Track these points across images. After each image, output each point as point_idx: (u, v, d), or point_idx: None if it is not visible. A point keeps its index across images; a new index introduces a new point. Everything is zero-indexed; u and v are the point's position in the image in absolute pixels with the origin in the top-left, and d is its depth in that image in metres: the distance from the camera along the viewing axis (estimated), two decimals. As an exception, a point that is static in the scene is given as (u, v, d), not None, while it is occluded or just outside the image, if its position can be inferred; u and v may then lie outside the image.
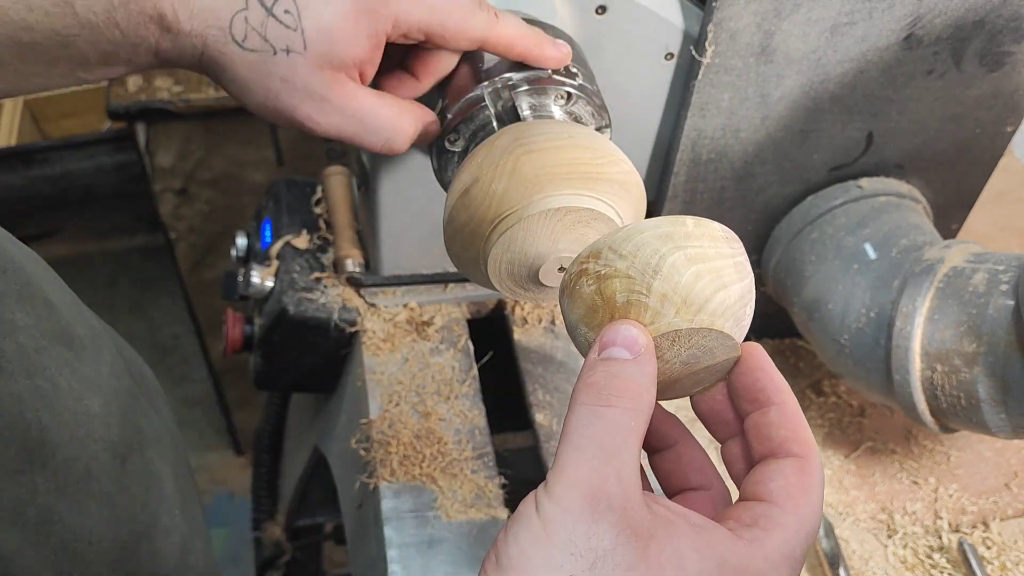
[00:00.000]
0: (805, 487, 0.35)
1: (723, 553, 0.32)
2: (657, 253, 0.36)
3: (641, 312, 0.36)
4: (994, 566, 0.70)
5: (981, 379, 0.63)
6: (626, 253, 0.36)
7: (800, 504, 0.35)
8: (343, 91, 0.47)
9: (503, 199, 0.45)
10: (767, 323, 0.86)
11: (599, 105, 0.55)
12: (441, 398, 0.73)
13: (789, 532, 0.34)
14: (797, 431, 0.37)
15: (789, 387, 0.38)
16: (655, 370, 0.35)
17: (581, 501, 0.31)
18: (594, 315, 0.37)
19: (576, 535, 0.30)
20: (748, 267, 0.38)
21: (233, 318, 0.85)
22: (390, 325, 0.78)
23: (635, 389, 0.34)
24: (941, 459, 0.79)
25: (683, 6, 0.64)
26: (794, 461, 0.36)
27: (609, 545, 0.30)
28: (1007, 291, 0.62)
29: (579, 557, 0.30)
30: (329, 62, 0.46)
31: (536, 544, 0.31)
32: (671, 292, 0.35)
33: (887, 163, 0.75)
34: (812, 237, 0.75)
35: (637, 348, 0.35)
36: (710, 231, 0.37)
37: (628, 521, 0.31)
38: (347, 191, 0.85)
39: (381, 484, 0.68)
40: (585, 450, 0.32)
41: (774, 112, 0.69)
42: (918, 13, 0.65)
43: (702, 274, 0.36)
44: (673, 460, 0.40)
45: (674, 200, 0.73)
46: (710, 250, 0.37)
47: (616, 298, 0.36)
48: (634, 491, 0.32)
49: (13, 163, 1.52)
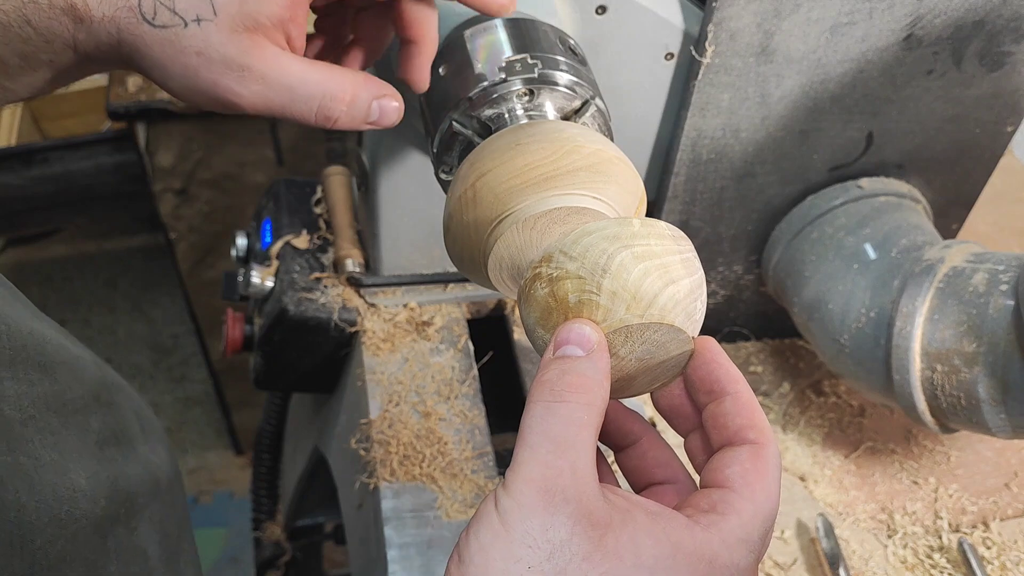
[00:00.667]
0: (760, 472, 0.36)
1: (679, 538, 0.33)
2: (605, 253, 0.37)
3: (593, 310, 0.37)
4: (994, 566, 0.70)
5: (981, 379, 0.63)
6: (575, 255, 0.37)
7: (756, 489, 0.35)
8: (264, 57, 0.43)
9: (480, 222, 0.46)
10: (767, 323, 0.86)
11: (568, 85, 0.54)
12: (441, 398, 0.73)
13: (745, 516, 0.35)
14: (752, 419, 0.37)
15: (743, 377, 0.39)
16: (607, 365, 0.36)
17: (536, 495, 0.32)
18: (549, 317, 0.38)
19: (533, 527, 0.31)
20: (697, 264, 0.39)
21: (233, 318, 0.85)
22: (390, 325, 0.78)
23: (587, 384, 0.35)
24: (941, 459, 0.79)
25: (683, 6, 0.64)
26: (750, 448, 0.37)
27: (566, 535, 0.31)
28: (1007, 291, 0.62)
29: (536, 549, 0.31)
30: (244, 24, 0.42)
31: (495, 539, 0.31)
32: (620, 289, 0.36)
33: (887, 163, 0.75)
34: (812, 237, 0.75)
35: (589, 344, 0.36)
36: (656, 230, 0.38)
37: (583, 511, 0.32)
38: (347, 191, 0.85)
39: (381, 484, 0.68)
40: (539, 446, 0.33)
41: (774, 112, 0.69)
42: (918, 13, 0.65)
43: (650, 271, 0.37)
44: (638, 456, 0.41)
45: (674, 200, 0.73)
46: (656, 247, 0.37)
47: (568, 299, 0.37)
48: (589, 482, 0.33)
49: (13, 163, 1.52)
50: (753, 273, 0.82)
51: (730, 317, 0.85)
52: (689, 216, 0.75)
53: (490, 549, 0.31)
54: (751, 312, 0.85)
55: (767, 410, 0.81)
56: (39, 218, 1.72)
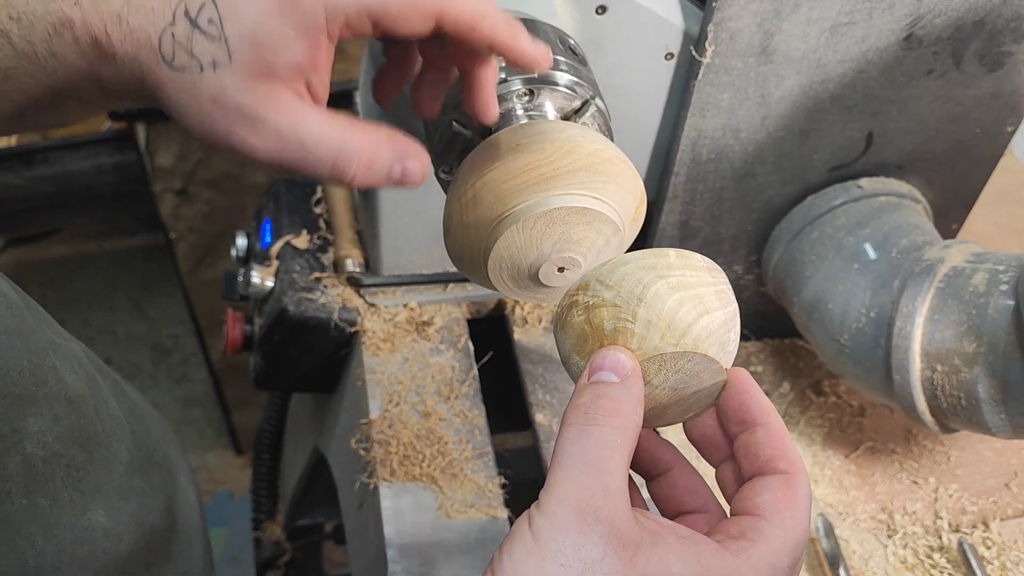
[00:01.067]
0: (791, 500, 0.36)
1: (708, 563, 0.34)
2: (641, 283, 0.38)
3: (628, 338, 0.38)
4: (994, 566, 0.70)
5: (981, 379, 0.63)
6: (612, 284, 0.38)
7: (786, 517, 0.36)
8: (279, 108, 0.40)
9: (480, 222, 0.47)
10: (767, 323, 0.86)
11: (568, 85, 0.53)
12: (441, 398, 0.73)
13: (775, 543, 0.35)
14: (783, 449, 0.38)
15: (774, 408, 0.40)
16: (641, 391, 0.37)
17: (570, 515, 0.32)
18: (584, 344, 0.39)
19: (565, 547, 0.32)
20: (731, 296, 0.40)
21: (233, 318, 0.85)
22: (390, 325, 0.78)
23: (621, 408, 0.36)
24: (941, 459, 0.79)
25: (683, 6, 0.64)
26: (781, 477, 0.37)
27: (598, 555, 0.32)
28: (1007, 291, 0.62)
29: (568, 567, 0.32)
30: (259, 72, 0.40)
31: (528, 556, 0.32)
32: (655, 318, 0.37)
33: (887, 163, 0.75)
34: (812, 237, 0.75)
35: (624, 371, 0.37)
36: (691, 261, 0.39)
37: (615, 532, 0.32)
38: (347, 191, 0.85)
39: (381, 484, 0.68)
40: (573, 467, 0.34)
41: (774, 112, 0.69)
42: (918, 13, 0.65)
43: (684, 300, 0.38)
44: (669, 485, 0.42)
45: (674, 200, 0.73)
46: (691, 279, 0.39)
47: (604, 326, 0.38)
48: (621, 504, 0.33)
49: (13, 163, 1.52)
50: (753, 273, 0.82)
51: (730, 317, 0.85)
52: (689, 216, 0.75)
53: (522, 566, 0.32)
54: (751, 312, 0.85)
55: (767, 410, 0.81)
56: (39, 218, 1.72)
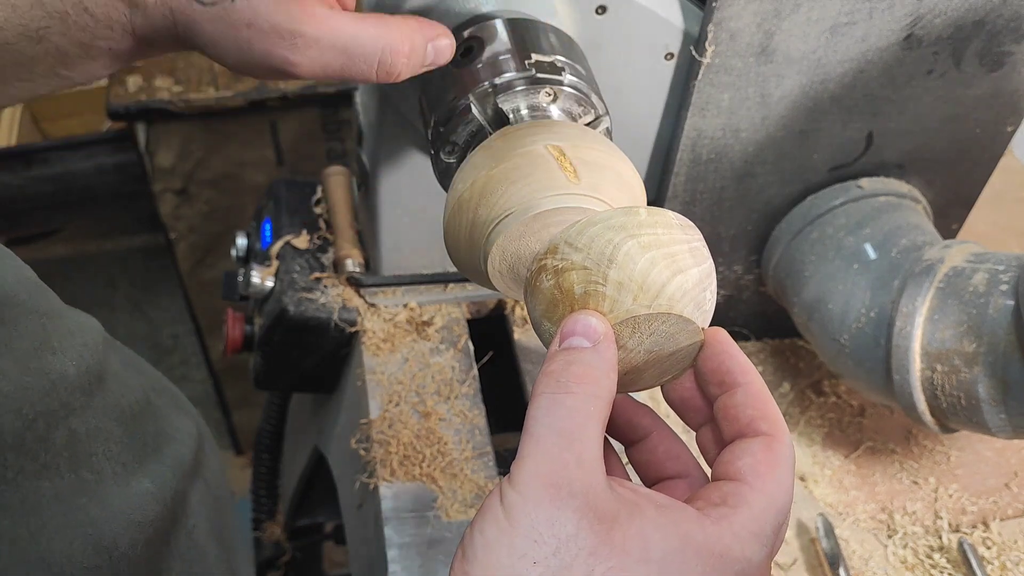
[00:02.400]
0: (772, 464, 0.35)
1: (688, 532, 0.32)
2: (611, 243, 0.36)
3: (599, 301, 0.36)
4: (994, 566, 0.70)
5: (981, 379, 0.63)
6: (581, 246, 0.37)
7: (768, 481, 0.35)
8: (314, 20, 0.41)
9: (495, 206, 0.46)
10: (767, 323, 0.86)
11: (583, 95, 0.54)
12: (441, 398, 0.73)
13: (757, 509, 0.34)
14: (764, 410, 0.37)
15: (754, 368, 0.38)
16: (614, 356, 0.36)
17: (542, 489, 0.31)
18: (555, 309, 0.38)
19: (539, 522, 0.31)
20: (706, 253, 0.38)
21: (233, 318, 0.85)
22: (390, 325, 0.78)
23: (592, 375, 0.34)
24: (941, 459, 0.79)
25: (683, 6, 0.64)
26: (762, 439, 0.36)
27: (572, 530, 0.31)
28: (1007, 291, 0.62)
29: (542, 544, 0.30)
30: None
31: (500, 534, 0.31)
32: (627, 280, 0.36)
33: (887, 163, 0.75)
34: (812, 237, 0.75)
35: (595, 335, 0.36)
36: (664, 219, 0.37)
37: (590, 505, 0.31)
38: (347, 191, 0.85)
39: (381, 484, 0.68)
40: (544, 439, 0.32)
41: (774, 112, 0.69)
42: (918, 13, 0.65)
43: (657, 260, 0.36)
44: (648, 451, 0.40)
45: (674, 200, 0.73)
46: (664, 236, 0.37)
47: (574, 290, 0.37)
48: (596, 475, 0.32)
49: (13, 163, 1.52)
50: (753, 273, 0.82)
51: (730, 317, 0.85)
52: (689, 216, 0.74)
53: (495, 545, 0.31)
54: (751, 312, 0.85)
55: (767, 410, 0.81)
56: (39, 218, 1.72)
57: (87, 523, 0.31)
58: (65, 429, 0.31)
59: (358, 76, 0.43)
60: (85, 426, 0.33)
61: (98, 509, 0.32)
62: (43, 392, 0.31)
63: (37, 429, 0.30)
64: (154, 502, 0.35)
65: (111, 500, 0.33)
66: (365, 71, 0.43)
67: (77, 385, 0.33)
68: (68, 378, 0.32)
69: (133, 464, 0.35)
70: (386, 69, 0.44)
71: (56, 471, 0.30)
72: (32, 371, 0.30)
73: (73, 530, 0.30)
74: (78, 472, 0.32)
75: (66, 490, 0.31)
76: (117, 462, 0.34)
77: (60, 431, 0.31)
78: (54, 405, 0.31)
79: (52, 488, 0.30)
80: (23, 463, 0.28)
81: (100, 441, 0.33)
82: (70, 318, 0.35)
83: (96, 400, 0.34)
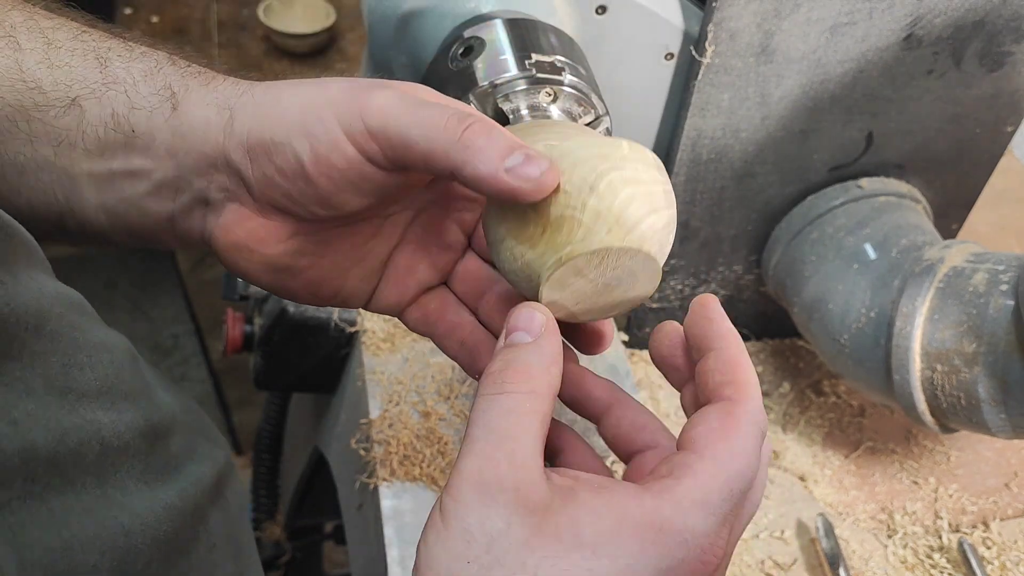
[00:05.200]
0: (727, 430, 0.34)
1: (624, 509, 0.32)
2: (595, 171, 0.35)
3: (572, 228, 0.35)
4: (994, 566, 0.70)
5: (981, 379, 0.63)
6: (564, 168, 0.35)
7: (719, 448, 0.33)
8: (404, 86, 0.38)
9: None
10: (767, 323, 0.86)
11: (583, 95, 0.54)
12: (441, 398, 0.73)
13: (702, 477, 0.33)
14: (733, 374, 0.36)
15: (736, 334, 0.37)
16: (556, 348, 0.35)
17: (472, 489, 0.31)
18: (523, 228, 0.36)
19: (470, 522, 0.31)
20: (673, 197, 0.38)
21: (233, 318, 0.85)
22: (390, 325, 0.78)
23: (530, 371, 0.34)
24: (941, 459, 0.79)
25: (683, 6, 0.64)
26: (721, 405, 0.35)
27: (503, 525, 0.31)
28: (1007, 291, 0.62)
29: (475, 543, 0.31)
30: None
31: (438, 538, 0.31)
32: (605, 211, 0.35)
33: (887, 163, 0.75)
34: (812, 237, 0.75)
35: (536, 329, 0.35)
36: (644, 156, 0.37)
37: (521, 499, 0.31)
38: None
39: (381, 484, 0.68)
40: (477, 440, 0.32)
41: (774, 112, 0.69)
42: (918, 13, 0.65)
43: (636, 196, 0.35)
44: (614, 424, 0.40)
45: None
46: (644, 174, 0.36)
47: (550, 211, 0.35)
48: (527, 470, 0.32)
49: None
50: (753, 273, 0.82)
51: (730, 317, 0.85)
52: (689, 216, 0.75)
53: (435, 550, 0.31)
54: (751, 312, 0.85)
55: (767, 410, 0.81)
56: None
57: (119, 534, 0.31)
58: (98, 443, 0.31)
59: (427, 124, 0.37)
60: (118, 440, 0.33)
61: (129, 521, 0.32)
62: (68, 409, 0.31)
63: (69, 443, 0.30)
64: (177, 516, 0.35)
65: (138, 514, 0.32)
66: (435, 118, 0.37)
67: (101, 403, 0.33)
68: (91, 395, 0.32)
69: (156, 481, 0.35)
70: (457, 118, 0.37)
71: (83, 487, 0.30)
72: (55, 389, 0.30)
73: (103, 542, 0.30)
74: (104, 488, 0.32)
75: (94, 505, 0.31)
76: (140, 480, 0.34)
77: (93, 444, 0.31)
78: (80, 420, 0.31)
79: (79, 503, 0.30)
80: (50, 478, 0.28)
81: (129, 455, 0.33)
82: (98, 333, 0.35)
83: (126, 416, 0.34)
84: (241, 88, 0.39)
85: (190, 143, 0.39)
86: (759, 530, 0.72)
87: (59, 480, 0.29)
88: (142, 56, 0.40)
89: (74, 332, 0.32)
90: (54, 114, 0.38)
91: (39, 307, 0.29)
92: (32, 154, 0.39)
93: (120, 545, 0.31)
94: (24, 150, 0.39)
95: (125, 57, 0.39)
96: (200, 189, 0.40)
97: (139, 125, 0.39)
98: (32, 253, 0.31)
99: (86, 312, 0.35)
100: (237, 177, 0.39)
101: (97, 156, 0.39)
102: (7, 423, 0.26)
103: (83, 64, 0.39)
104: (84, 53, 0.39)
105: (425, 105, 0.36)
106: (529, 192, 0.35)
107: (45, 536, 0.27)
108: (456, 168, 0.35)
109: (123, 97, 0.39)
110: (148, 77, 0.39)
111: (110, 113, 0.39)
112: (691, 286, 0.81)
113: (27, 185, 0.40)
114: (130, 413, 0.34)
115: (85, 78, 0.39)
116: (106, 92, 0.39)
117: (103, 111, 0.39)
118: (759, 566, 0.70)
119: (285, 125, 0.37)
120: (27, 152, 0.39)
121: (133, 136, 0.39)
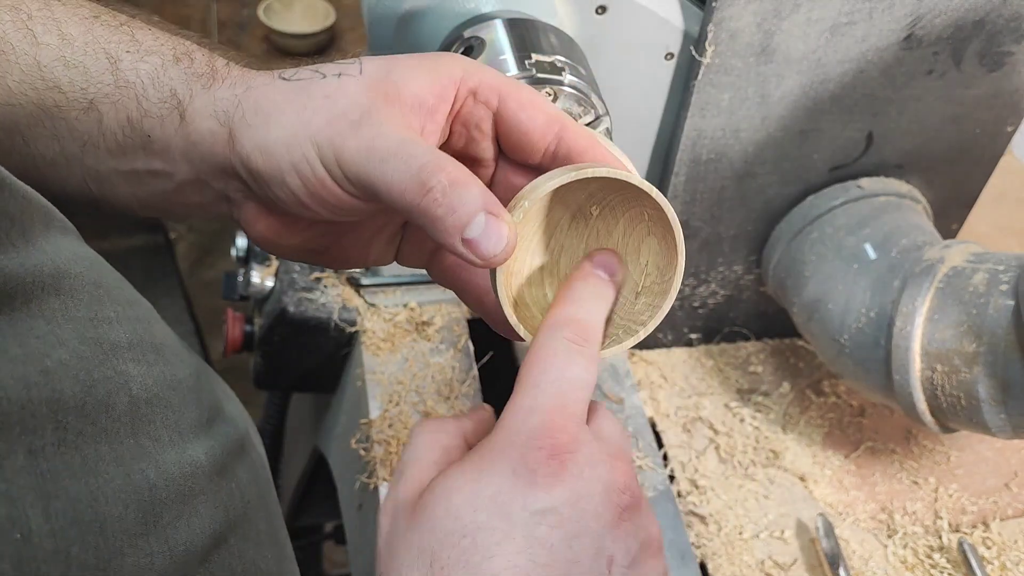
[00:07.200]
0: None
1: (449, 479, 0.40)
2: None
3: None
4: (994, 566, 0.70)
5: (981, 379, 0.63)
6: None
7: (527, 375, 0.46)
8: (389, 118, 0.39)
9: None
10: (767, 323, 0.86)
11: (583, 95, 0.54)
12: (441, 398, 0.73)
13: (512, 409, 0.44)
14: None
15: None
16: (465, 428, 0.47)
17: (382, 512, 0.42)
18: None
19: (381, 535, 0.41)
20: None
21: (233, 318, 0.85)
22: (390, 325, 0.78)
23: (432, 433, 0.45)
24: (941, 459, 0.79)
25: (683, 6, 0.64)
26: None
27: (388, 523, 0.41)
28: (1007, 291, 0.62)
29: (379, 537, 0.41)
30: (385, 91, 0.39)
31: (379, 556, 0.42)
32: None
33: (887, 163, 0.75)
34: (812, 237, 0.75)
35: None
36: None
37: (402, 503, 0.41)
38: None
39: (381, 484, 0.68)
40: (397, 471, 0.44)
41: (774, 112, 0.69)
42: (918, 13, 0.65)
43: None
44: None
45: (674, 200, 0.73)
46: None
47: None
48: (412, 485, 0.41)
49: (13, 163, 1.52)
50: (753, 273, 0.82)
51: (730, 317, 0.85)
52: (689, 216, 0.75)
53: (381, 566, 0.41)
54: (751, 312, 0.85)
55: (767, 410, 0.81)
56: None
57: (145, 487, 0.31)
58: (126, 395, 0.32)
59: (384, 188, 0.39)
60: (146, 393, 0.33)
61: (155, 475, 0.32)
62: (99, 361, 0.31)
63: (97, 394, 0.30)
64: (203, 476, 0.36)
65: (167, 467, 0.33)
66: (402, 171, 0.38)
67: (132, 355, 0.33)
68: (123, 347, 0.33)
69: (189, 433, 0.36)
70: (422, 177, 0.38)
71: (116, 435, 0.31)
72: (88, 340, 0.31)
73: (130, 494, 0.30)
74: (137, 438, 0.32)
75: (126, 454, 0.31)
76: (174, 430, 0.35)
77: (121, 396, 0.32)
78: (110, 372, 0.32)
79: (112, 452, 0.30)
80: (83, 426, 0.29)
81: (160, 408, 0.34)
82: (125, 291, 0.37)
83: (155, 369, 0.35)
84: (237, 95, 0.40)
85: (201, 152, 0.41)
86: (759, 530, 0.72)
87: (92, 428, 0.30)
88: (147, 54, 0.41)
89: (98, 290, 0.33)
90: (75, 116, 0.40)
91: (55, 267, 0.30)
92: (60, 150, 0.41)
93: (145, 499, 0.31)
94: (52, 146, 0.41)
95: (133, 55, 0.41)
96: (220, 189, 0.42)
97: (154, 131, 0.41)
98: (50, 217, 0.32)
99: (109, 273, 0.37)
100: (247, 185, 0.41)
101: (120, 156, 0.41)
102: (39, 372, 0.27)
103: (96, 64, 0.40)
104: (96, 52, 0.40)
105: (392, 159, 0.37)
106: (483, 266, 0.37)
107: (73, 485, 0.28)
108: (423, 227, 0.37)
109: (134, 103, 0.40)
110: (155, 82, 0.41)
111: (125, 118, 0.40)
112: (691, 286, 0.81)
113: (59, 176, 0.42)
114: (159, 366, 0.35)
115: (100, 80, 0.40)
116: (119, 97, 0.40)
117: (119, 115, 0.40)
118: (759, 566, 0.70)
119: (275, 160, 0.39)
120: (55, 148, 0.41)
121: (150, 141, 0.41)
